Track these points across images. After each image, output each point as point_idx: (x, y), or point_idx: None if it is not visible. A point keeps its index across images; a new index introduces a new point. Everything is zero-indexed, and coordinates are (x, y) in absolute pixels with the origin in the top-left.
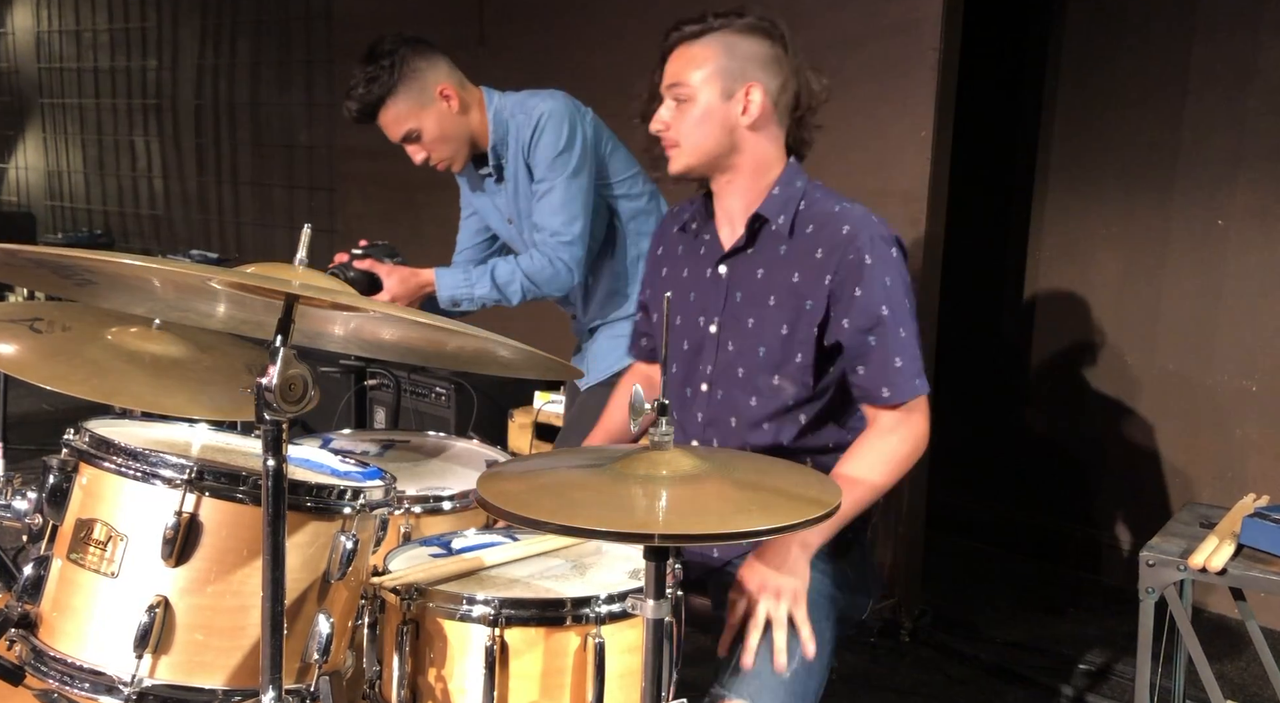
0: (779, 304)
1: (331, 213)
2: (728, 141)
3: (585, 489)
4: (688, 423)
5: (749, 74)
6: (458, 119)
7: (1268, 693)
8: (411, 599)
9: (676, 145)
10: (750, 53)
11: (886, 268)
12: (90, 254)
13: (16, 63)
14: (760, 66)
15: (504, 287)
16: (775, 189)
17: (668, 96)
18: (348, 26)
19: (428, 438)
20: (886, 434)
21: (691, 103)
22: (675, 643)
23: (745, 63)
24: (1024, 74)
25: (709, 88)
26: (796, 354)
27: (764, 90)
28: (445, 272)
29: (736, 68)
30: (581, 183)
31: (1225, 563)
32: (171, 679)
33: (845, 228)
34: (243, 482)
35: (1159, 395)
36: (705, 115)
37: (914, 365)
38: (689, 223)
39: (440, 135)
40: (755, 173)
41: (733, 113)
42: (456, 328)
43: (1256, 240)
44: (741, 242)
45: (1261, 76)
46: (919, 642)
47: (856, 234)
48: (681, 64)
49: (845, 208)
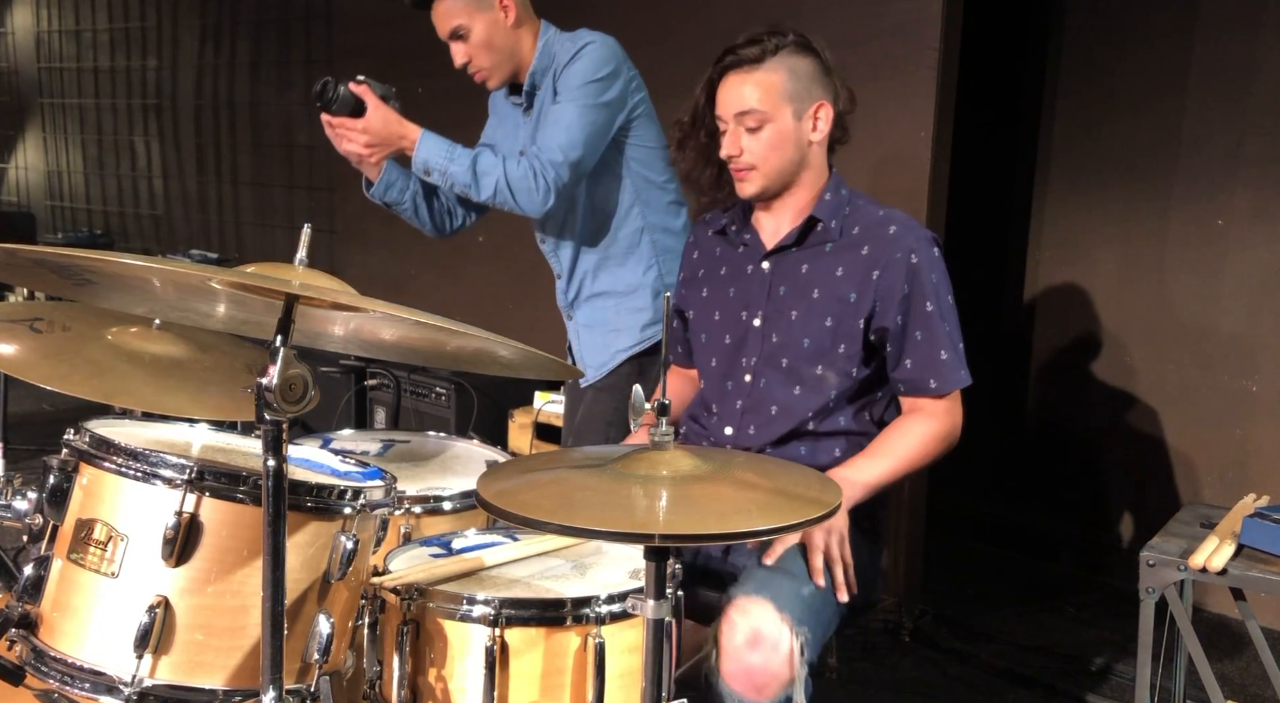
0: (824, 297)
1: (331, 213)
2: (799, 160)
3: (585, 489)
4: (726, 413)
5: (814, 93)
6: (509, 32)
7: (1268, 693)
8: (412, 599)
9: (753, 168)
10: (809, 71)
11: (932, 266)
12: (90, 254)
13: (16, 63)
14: (821, 84)
15: (480, 175)
16: (826, 194)
17: (735, 124)
18: (348, 26)
19: (428, 438)
20: (929, 418)
21: (766, 128)
22: (675, 643)
23: (809, 82)
24: (1024, 74)
25: (783, 112)
26: (841, 345)
27: (830, 107)
28: (431, 136)
29: (803, 88)
30: (598, 118)
31: (1225, 563)
32: (172, 679)
33: (892, 228)
34: (243, 482)
35: (1159, 395)
36: (782, 139)
37: (958, 358)
38: (727, 226)
39: (487, 41)
40: (812, 183)
41: (805, 132)
42: (456, 328)
43: (1256, 240)
44: (790, 239)
45: (1261, 77)
46: (919, 642)
47: (903, 234)
48: (749, 91)
49: (889, 212)
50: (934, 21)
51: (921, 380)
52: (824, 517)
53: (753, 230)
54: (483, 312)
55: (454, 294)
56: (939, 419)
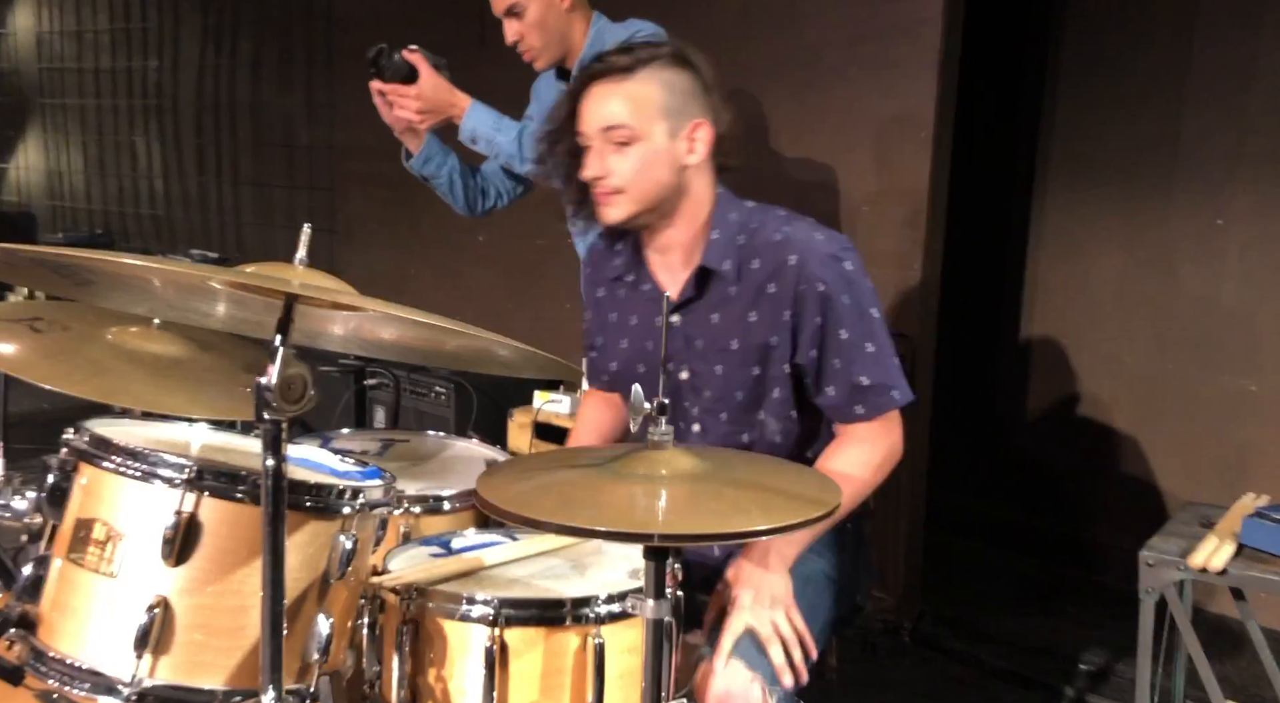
0: (743, 347)
1: (331, 213)
2: (674, 184)
3: (585, 489)
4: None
5: (691, 111)
6: (562, 15)
7: (1268, 693)
8: (411, 599)
9: (619, 192)
10: (686, 87)
11: (843, 287)
12: (90, 254)
13: (17, 63)
14: (698, 102)
15: (525, 146)
16: (714, 232)
17: (601, 141)
18: (348, 26)
19: (427, 438)
20: (859, 443)
21: (636, 145)
22: (675, 643)
23: (685, 99)
24: (1024, 74)
25: (655, 129)
26: (773, 390)
27: (709, 126)
28: (480, 105)
29: (678, 104)
30: None
31: (1225, 563)
32: (171, 680)
33: (792, 258)
34: (242, 481)
35: (1159, 395)
36: (653, 159)
37: (885, 377)
38: (623, 275)
39: (540, 21)
40: (694, 213)
41: (679, 154)
42: (456, 328)
43: (1256, 240)
44: (689, 292)
45: (1261, 76)
46: (919, 642)
47: (804, 262)
48: (617, 104)
49: (787, 233)
50: (934, 21)
51: (847, 408)
52: (823, 516)
53: (651, 279)
54: (483, 312)
55: (454, 294)
56: (868, 441)
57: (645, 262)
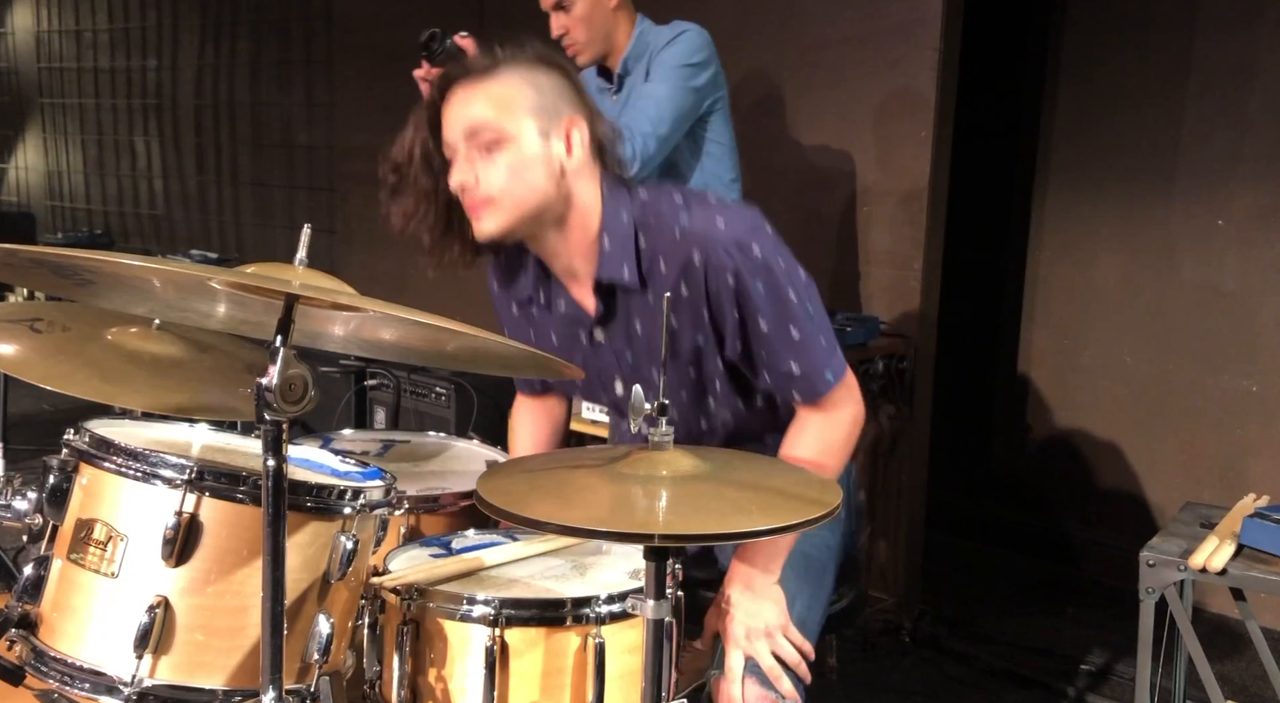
0: (673, 353)
1: (331, 213)
2: (554, 190)
3: (585, 489)
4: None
5: (562, 108)
6: (609, 14)
7: (1268, 693)
8: (411, 599)
9: (490, 202)
10: (555, 87)
11: (755, 273)
12: (90, 254)
13: (16, 63)
14: (570, 101)
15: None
16: (605, 242)
17: (467, 146)
18: (348, 26)
19: (427, 438)
20: (812, 427)
21: (504, 149)
22: (675, 643)
23: (555, 97)
24: (1024, 74)
25: (525, 128)
26: (715, 384)
27: (585, 124)
28: None
29: (548, 102)
30: (687, 101)
31: (1225, 563)
32: (172, 680)
33: (695, 255)
34: (243, 482)
35: (1159, 395)
36: (526, 163)
37: (813, 363)
38: (534, 296)
39: (587, 16)
40: (584, 224)
41: (555, 155)
42: (456, 328)
43: (1256, 240)
44: (600, 311)
45: (1261, 76)
46: (919, 642)
47: (708, 256)
48: (480, 104)
49: (685, 227)
50: (934, 21)
51: (785, 393)
52: (824, 517)
53: (564, 296)
54: (483, 312)
55: (454, 294)
56: (826, 424)
57: (555, 279)
